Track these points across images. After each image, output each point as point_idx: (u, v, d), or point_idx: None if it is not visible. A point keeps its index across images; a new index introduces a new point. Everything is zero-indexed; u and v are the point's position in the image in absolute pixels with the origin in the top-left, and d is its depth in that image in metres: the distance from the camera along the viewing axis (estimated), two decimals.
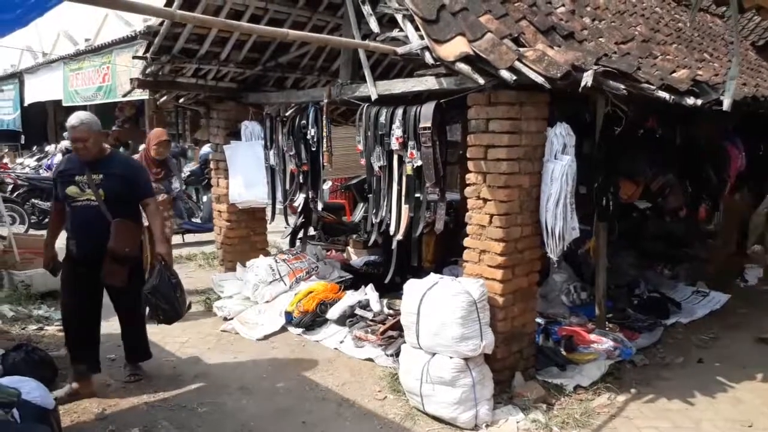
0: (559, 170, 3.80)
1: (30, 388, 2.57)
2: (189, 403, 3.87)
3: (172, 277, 4.01)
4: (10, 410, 2.25)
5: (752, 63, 7.83)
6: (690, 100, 4.25)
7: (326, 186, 9.17)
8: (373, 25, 3.99)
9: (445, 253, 6.24)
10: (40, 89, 15.92)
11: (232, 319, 5.30)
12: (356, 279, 5.86)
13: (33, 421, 2.32)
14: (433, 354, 3.65)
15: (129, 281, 3.94)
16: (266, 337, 4.99)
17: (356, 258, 6.99)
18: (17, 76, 17.12)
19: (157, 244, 4.04)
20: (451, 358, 3.55)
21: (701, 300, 5.94)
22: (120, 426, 3.54)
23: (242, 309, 5.40)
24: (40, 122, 18.75)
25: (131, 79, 5.54)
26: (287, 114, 5.55)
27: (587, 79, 3.51)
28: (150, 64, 5.26)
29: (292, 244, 6.64)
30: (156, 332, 5.05)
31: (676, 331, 5.19)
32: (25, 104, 16.92)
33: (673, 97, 4.10)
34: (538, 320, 4.64)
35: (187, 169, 9.91)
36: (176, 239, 8.50)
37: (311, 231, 7.64)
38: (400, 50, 3.69)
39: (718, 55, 6.79)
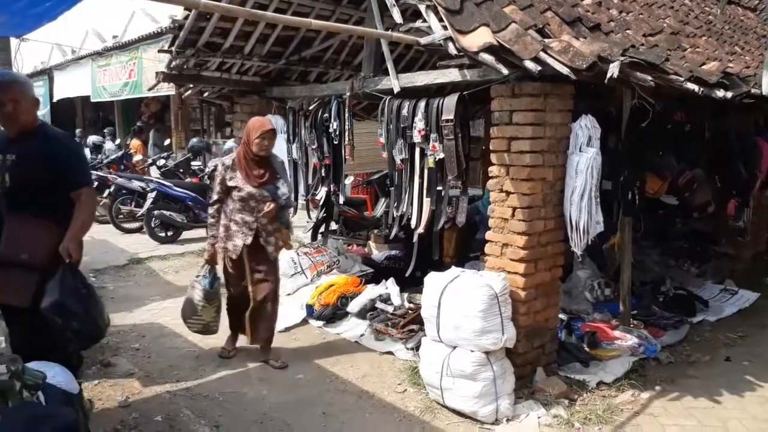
0: (584, 163, 3.74)
1: (55, 373, 2.61)
2: (211, 392, 3.91)
3: (81, 286, 3.06)
4: (36, 392, 2.29)
5: None
6: (720, 93, 4.14)
7: (348, 181, 9.20)
8: (396, 16, 3.97)
9: (466, 249, 6.21)
10: (69, 85, 16.23)
11: None
12: (377, 273, 5.86)
13: (58, 404, 2.36)
14: (454, 347, 3.63)
15: (36, 299, 2.92)
16: (287, 329, 5.01)
17: (377, 252, 6.98)
18: (47, 73, 17.47)
19: (66, 238, 3.01)
20: (471, 351, 3.53)
21: (729, 298, 5.82)
22: (143, 414, 3.59)
23: None
24: (69, 118, 19.12)
25: (156, 73, 5.60)
26: (310, 108, 5.56)
27: (613, 70, 3.44)
28: (175, 58, 5.31)
29: (314, 237, 6.67)
30: (179, 323, 5.10)
31: (703, 329, 5.09)
32: (54, 100, 17.25)
33: (702, 89, 4.00)
34: (561, 316, 4.59)
35: (211, 163, 9.98)
36: (200, 233, 8.63)
37: (333, 225, 7.67)
38: (423, 41, 3.67)
39: (749, 49, 6.62)
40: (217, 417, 3.59)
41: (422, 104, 4.25)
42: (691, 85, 3.90)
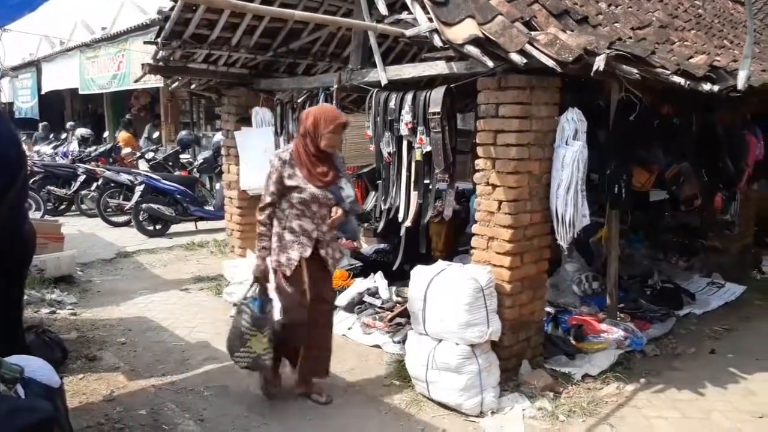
0: (571, 156, 3.74)
1: (36, 367, 2.58)
2: (196, 386, 3.89)
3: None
4: (14, 386, 2.27)
5: None
6: (707, 86, 4.15)
7: None
8: (382, 7, 3.95)
9: (456, 243, 6.21)
10: (57, 77, 16.06)
11: None
12: (366, 267, 5.85)
13: (37, 398, 2.34)
14: (440, 340, 3.63)
15: None
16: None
17: (366, 246, 6.97)
18: (35, 65, 17.30)
19: None
20: (457, 344, 3.53)
21: (716, 291, 5.85)
22: (127, 407, 3.57)
23: None
24: (57, 110, 18.96)
25: (142, 65, 5.55)
26: (299, 100, 5.53)
27: (599, 63, 3.44)
28: (161, 49, 5.27)
29: None
30: (166, 317, 5.14)
31: (689, 322, 5.12)
32: (42, 92, 17.09)
33: (689, 82, 4.00)
34: (548, 309, 4.60)
35: (201, 156, 9.94)
36: (189, 226, 8.60)
37: None
38: (409, 33, 3.65)
39: (738, 42, 6.62)
40: (202, 411, 3.58)
41: (409, 97, 4.23)
42: (677, 79, 3.90)
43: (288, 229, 3.43)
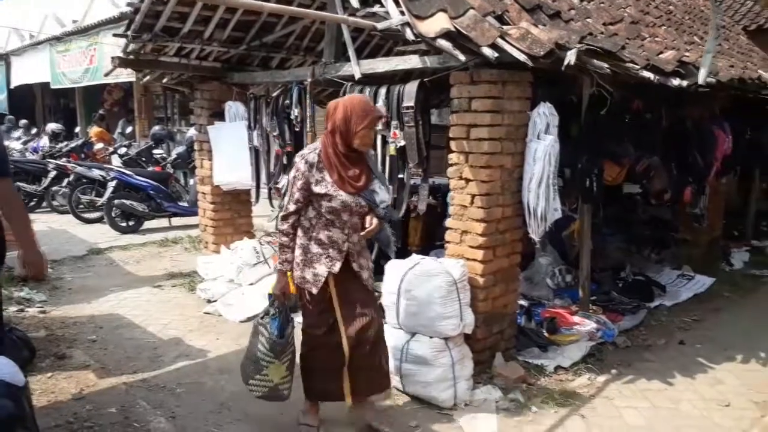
0: (542, 150, 3.77)
1: None
2: (168, 383, 3.85)
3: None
4: None
5: (743, 47, 7.78)
6: (675, 81, 4.21)
7: None
8: (354, 1, 3.93)
9: (432, 237, 6.22)
10: (27, 71, 15.71)
11: (215, 301, 5.27)
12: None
13: None
14: (413, 334, 3.63)
15: None
16: (249, 319, 4.94)
17: None
18: (4, 58, 16.89)
19: (24, 249, 2.75)
20: (430, 337, 3.54)
21: (686, 283, 5.96)
22: (97, 406, 3.52)
23: (226, 291, 5.36)
24: (28, 105, 18.55)
25: (112, 58, 5.45)
26: (273, 94, 5.49)
27: (570, 57, 3.46)
28: (131, 42, 5.17)
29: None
30: (138, 314, 5.07)
31: (660, 314, 5.21)
32: (12, 86, 16.71)
33: (658, 77, 4.06)
34: (522, 302, 4.64)
35: (175, 152, 9.81)
36: (163, 222, 8.50)
37: None
38: (380, 26, 3.63)
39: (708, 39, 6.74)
40: (174, 408, 3.54)
41: (383, 91, 4.23)
42: (647, 73, 3.95)
43: (315, 241, 2.99)
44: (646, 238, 6.93)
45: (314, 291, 3.01)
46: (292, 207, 3.00)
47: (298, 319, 3.21)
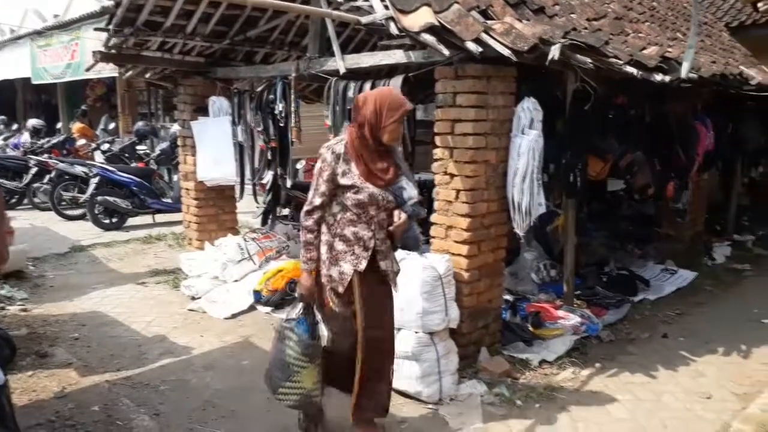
0: (526, 145, 3.78)
1: None
2: (152, 381, 3.81)
3: None
4: None
5: (725, 44, 7.85)
6: (658, 77, 4.24)
7: (300, 165, 9.09)
8: None
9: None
10: (8, 67, 15.47)
11: (199, 298, 5.23)
12: None
13: None
14: (399, 329, 3.62)
15: None
16: (234, 316, 4.94)
17: None
18: None
19: None
20: (416, 332, 3.54)
21: (669, 278, 6.02)
22: (79, 404, 3.48)
23: (210, 288, 5.32)
24: (8, 100, 18.29)
25: (93, 52, 5.38)
26: (258, 89, 5.45)
27: (554, 52, 3.48)
28: (113, 36, 5.11)
29: (263, 222, 6.58)
30: (122, 312, 5.02)
31: (643, 308, 5.25)
32: None
33: (641, 72, 4.09)
34: (507, 297, 4.66)
35: (158, 148, 9.72)
36: (146, 219, 8.42)
37: (285, 211, 7.58)
38: (364, 20, 3.62)
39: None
40: (158, 405, 3.51)
41: (368, 86, 4.22)
42: (630, 69, 3.98)
43: (340, 237, 2.84)
44: (629, 233, 6.98)
45: (340, 290, 2.84)
46: (317, 200, 2.83)
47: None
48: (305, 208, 2.87)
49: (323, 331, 2.96)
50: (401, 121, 2.84)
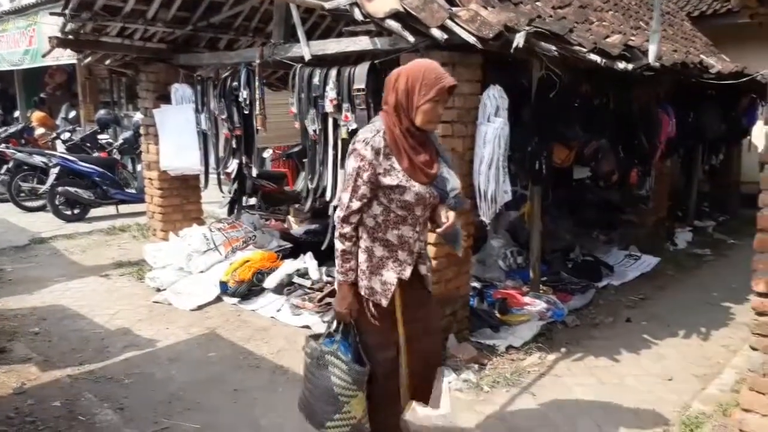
0: (492, 133, 3.79)
1: None
2: (116, 374, 3.74)
3: None
4: None
5: (687, 33, 8.00)
6: (621, 64, 4.28)
7: (267, 154, 8.98)
8: None
9: None
10: None
11: (164, 290, 5.15)
12: (296, 248, 5.76)
13: None
14: None
15: None
16: (200, 308, 4.87)
17: (297, 227, 6.89)
18: None
19: None
20: None
21: (633, 263, 6.14)
22: (39, 400, 3.40)
23: (175, 279, 5.24)
24: None
25: (50, 38, 5.19)
26: (223, 76, 5.35)
27: (519, 39, 3.48)
28: (69, 21, 4.94)
29: (230, 212, 6.49)
30: (84, 305, 4.91)
31: (608, 293, 5.35)
32: None
33: (604, 60, 4.12)
34: (474, 284, 4.69)
35: (121, 137, 9.49)
36: (110, 210, 8.23)
37: (251, 200, 7.49)
38: (328, 5, 3.57)
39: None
40: (122, 399, 3.45)
41: (333, 73, 4.17)
42: (594, 56, 4.01)
43: (381, 242, 2.46)
44: (595, 220, 7.09)
45: (384, 303, 2.46)
46: (355, 205, 2.39)
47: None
48: (340, 213, 2.44)
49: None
50: (439, 100, 2.39)
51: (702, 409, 3.28)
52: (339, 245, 2.46)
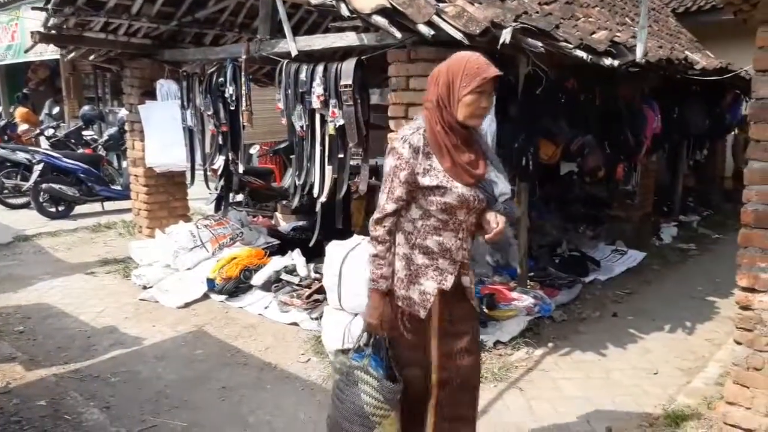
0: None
1: None
2: (102, 373, 3.71)
3: None
4: None
5: (672, 29, 8.06)
6: (607, 61, 4.30)
7: (254, 150, 8.93)
8: None
9: None
10: None
11: (151, 287, 5.11)
12: (284, 245, 5.75)
13: None
14: (355, 314, 3.63)
15: None
16: (187, 305, 4.84)
17: (284, 224, 6.87)
18: None
19: None
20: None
21: (619, 258, 6.19)
22: (24, 399, 3.36)
23: (162, 277, 5.20)
24: None
25: (32, 33, 5.13)
26: (209, 72, 5.31)
27: (506, 35, 3.48)
28: (52, 16, 4.88)
29: (217, 209, 6.44)
30: (69, 303, 4.87)
31: (594, 288, 5.38)
32: None
33: (591, 56, 4.13)
34: None
35: (106, 133, 9.41)
36: (95, 207, 8.15)
37: (239, 197, 7.44)
38: (314, 0, 3.55)
39: (639, 20, 6.93)
40: (108, 398, 3.42)
41: (320, 68, 4.15)
42: (580, 53, 4.02)
43: (420, 249, 2.26)
44: (581, 215, 7.14)
45: (422, 314, 2.26)
46: (390, 207, 2.22)
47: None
48: (375, 215, 2.26)
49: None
50: (485, 93, 2.17)
51: (687, 402, 3.31)
52: (371, 249, 2.28)
